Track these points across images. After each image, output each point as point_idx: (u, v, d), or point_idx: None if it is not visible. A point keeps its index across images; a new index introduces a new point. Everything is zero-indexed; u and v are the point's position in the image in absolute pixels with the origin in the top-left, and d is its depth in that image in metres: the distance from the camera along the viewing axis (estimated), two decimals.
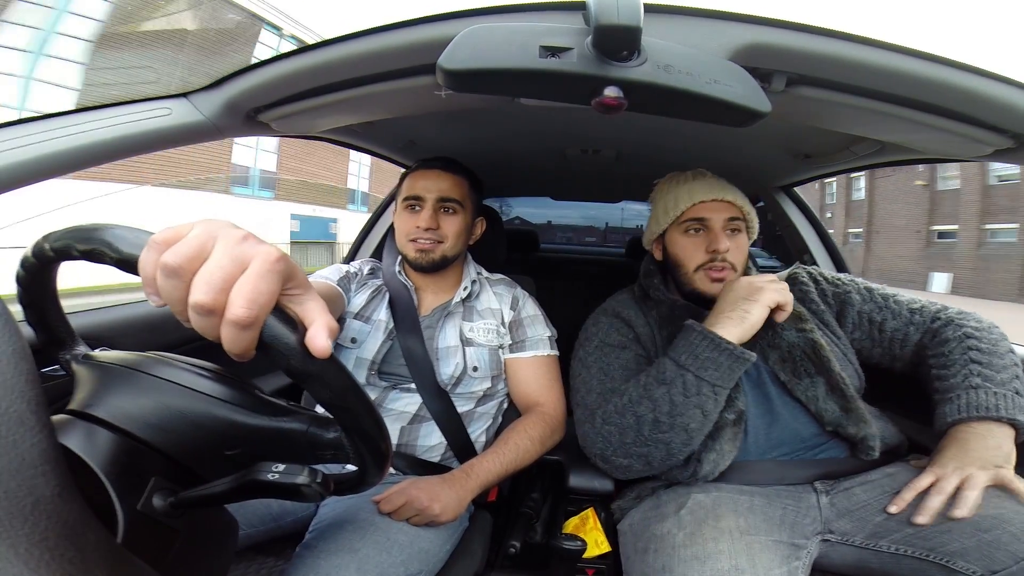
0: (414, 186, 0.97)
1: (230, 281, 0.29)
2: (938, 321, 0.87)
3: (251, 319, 0.29)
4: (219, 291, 0.29)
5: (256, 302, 0.29)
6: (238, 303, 0.29)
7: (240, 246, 0.30)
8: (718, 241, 0.87)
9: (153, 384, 0.43)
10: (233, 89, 0.67)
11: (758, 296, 0.78)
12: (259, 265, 0.30)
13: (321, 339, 0.32)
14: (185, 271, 0.29)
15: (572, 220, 4.64)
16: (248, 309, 0.29)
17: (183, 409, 0.42)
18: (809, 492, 0.80)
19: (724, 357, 0.75)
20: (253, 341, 0.30)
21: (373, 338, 0.94)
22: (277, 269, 0.30)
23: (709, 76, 0.48)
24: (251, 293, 0.29)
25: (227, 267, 0.29)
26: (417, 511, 0.75)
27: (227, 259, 0.30)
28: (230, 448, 0.43)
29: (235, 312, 0.29)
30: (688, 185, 0.91)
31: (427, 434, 0.92)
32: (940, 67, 0.54)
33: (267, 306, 0.30)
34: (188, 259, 0.29)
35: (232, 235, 0.31)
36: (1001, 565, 0.63)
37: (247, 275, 0.29)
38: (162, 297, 0.30)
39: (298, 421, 0.44)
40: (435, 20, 0.54)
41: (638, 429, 0.76)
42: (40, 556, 0.23)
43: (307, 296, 0.33)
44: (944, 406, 0.76)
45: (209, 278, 0.29)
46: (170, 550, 0.39)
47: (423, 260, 0.96)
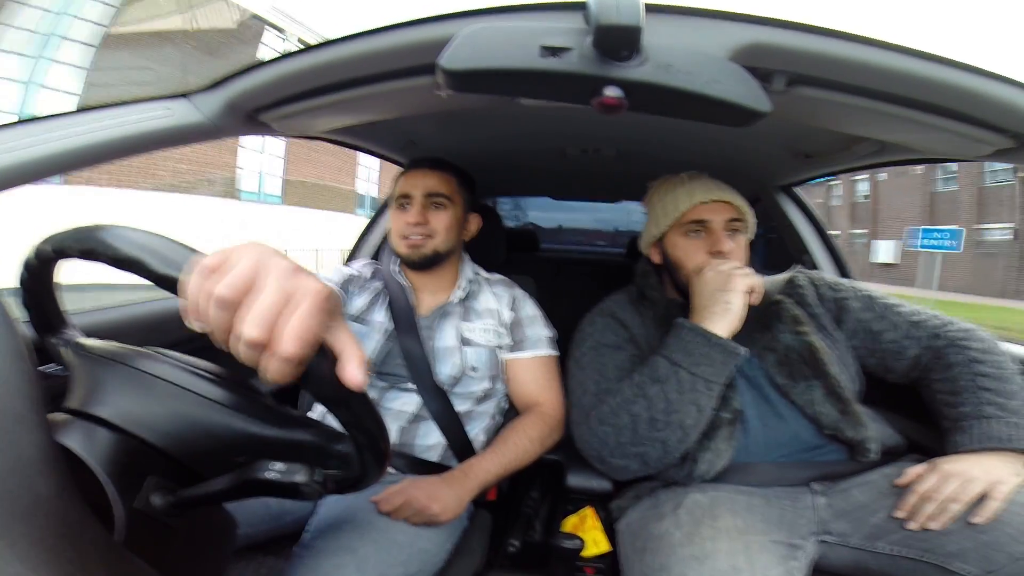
0: (404, 185, 1.00)
1: (276, 315, 0.30)
2: (939, 340, 0.86)
3: (300, 357, 0.29)
4: (265, 326, 0.29)
5: (305, 340, 0.29)
6: (289, 341, 0.29)
7: (290, 280, 0.31)
8: (720, 242, 0.87)
9: (165, 389, 0.42)
10: (233, 89, 0.67)
11: (732, 284, 0.79)
12: (310, 303, 0.30)
13: (355, 371, 0.32)
14: (234, 303, 0.30)
15: (583, 223, 4.69)
16: (297, 347, 0.29)
17: (198, 418, 0.42)
18: (806, 493, 0.80)
19: (716, 352, 0.75)
20: (295, 374, 0.31)
21: (370, 339, 0.95)
22: (322, 306, 0.31)
23: (709, 76, 0.48)
24: (301, 331, 0.29)
25: (279, 303, 0.30)
26: (416, 511, 0.75)
27: (279, 295, 0.30)
28: (241, 455, 0.43)
29: (286, 349, 0.29)
30: (687, 187, 0.91)
31: (426, 433, 0.92)
32: (940, 67, 0.54)
33: (314, 343, 0.30)
34: (239, 291, 0.30)
35: (282, 268, 0.31)
36: (998, 566, 0.63)
37: (299, 312, 0.30)
38: (210, 325, 0.31)
39: (310, 434, 0.44)
40: (435, 20, 0.54)
41: (634, 428, 0.76)
42: (39, 555, 0.23)
43: (339, 326, 0.34)
44: (956, 435, 0.75)
45: (261, 312, 0.29)
46: (169, 549, 0.39)
47: (415, 256, 0.97)
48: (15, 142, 0.55)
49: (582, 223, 4.70)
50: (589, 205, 3.61)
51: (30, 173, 0.55)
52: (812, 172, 1.30)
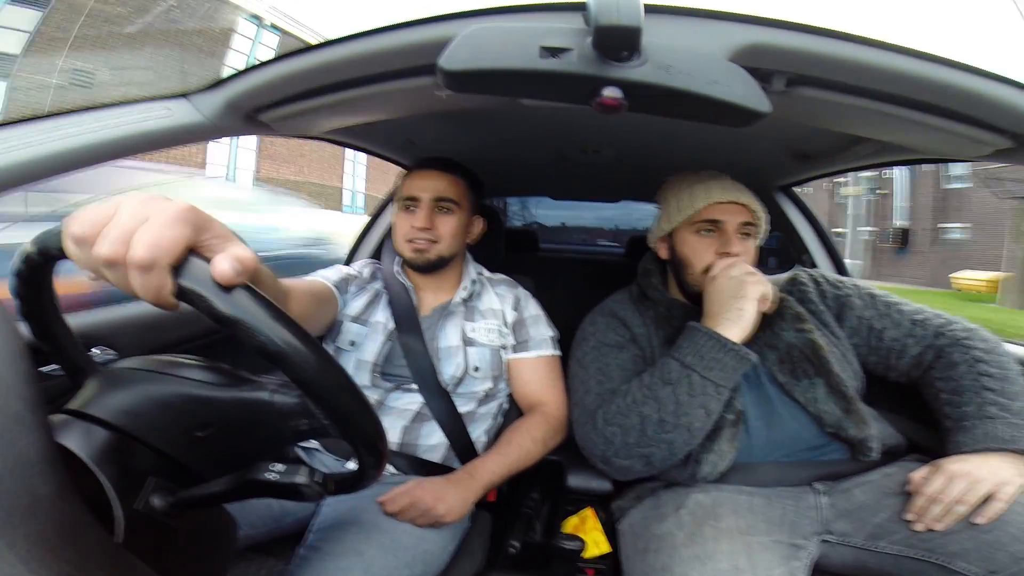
0: (410, 187, 0.98)
1: (130, 233, 0.30)
2: (942, 339, 0.85)
3: (149, 260, 0.29)
4: (118, 243, 0.30)
5: (155, 244, 0.30)
6: (136, 247, 0.30)
7: (143, 204, 0.31)
8: (730, 244, 0.86)
9: (130, 375, 0.44)
10: (233, 90, 0.67)
11: (746, 291, 0.78)
12: (160, 215, 0.30)
13: (220, 263, 0.31)
14: (90, 236, 0.31)
15: (586, 222, 4.72)
16: (145, 251, 0.29)
17: (152, 392, 0.42)
18: (808, 493, 0.80)
19: (729, 357, 0.75)
20: (162, 286, 0.30)
21: (372, 340, 0.94)
22: (182, 218, 0.31)
23: (709, 76, 0.48)
24: (150, 238, 0.30)
25: (126, 222, 0.30)
26: (422, 512, 0.75)
27: (127, 216, 0.31)
28: (200, 428, 0.42)
29: (132, 254, 0.29)
30: (704, 184, 0.89)
31: (428, 433, 0.92)
32: (940, 67, 0.54)
33: (169, 250, 0.30)
34: (91, 225, 0.31)
35: (136, 197, 0.32)
36: (1001, 566, 0.63)
37: (147, 224, 0.30)
38: (83, 267, 0.32)
39: (260, 389, 0.44)
40: (435, 21, 0.54)
41: (642, 429, 0.76)
42: (39, 555, 0.23)
43: (229, 243, 0.33)
44: (959, 435, 0.75)
45: (108, 232, 0.30)
46: (169, 550, 0.39)
47: (419, 260, 0.96)
48: (15, 142, 0.55)
49: (586, 221, 4.74)
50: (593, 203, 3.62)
51: (30, 173, 0.55)
52: (812, 172, 1.30)
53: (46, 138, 0.57)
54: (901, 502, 0.73)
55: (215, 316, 0.31)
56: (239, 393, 0.43)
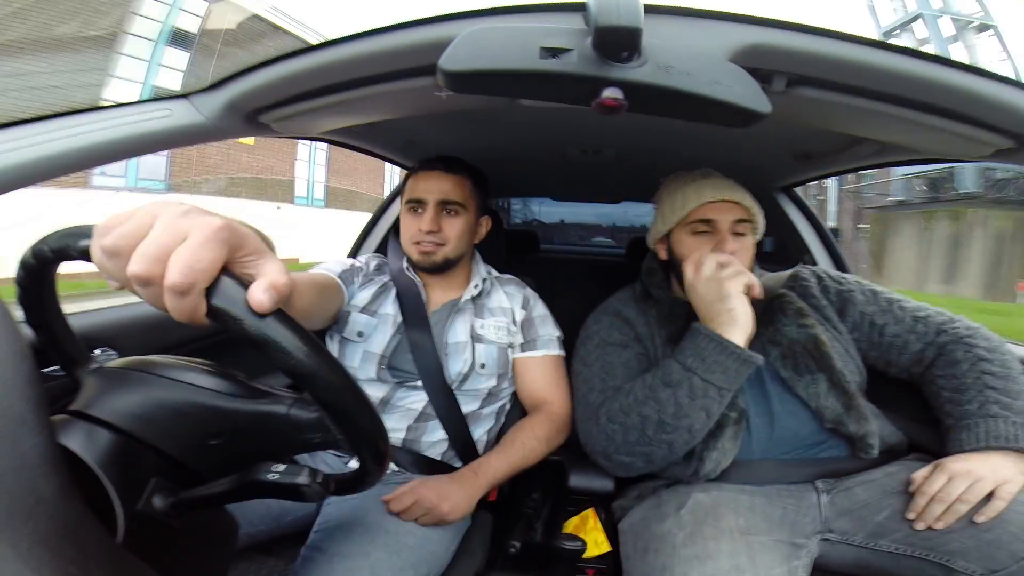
0: (416, 188, 0.97)
1: (166, 252, 0.29)
2: (944, 335, 0.85)
3: (186, 285, 0.29)
4: (153, 261, 0.29)
5: (193, 268, 0.29)
6: (174, 270, 0.29)
7: (179, 219, 0.30)
8: (724, 243, 0.86)
9: (139, 378, 0.43)
10: (233, 90, 0.67)
11: (726, 290, 0.77)
12: (198, 234, 0.30)
13: (257, 294, 0.30)
14: (124, 249, 0.30)
15: (584, 218, 4.75)
16: (183, 275, 0.29)
17: (164, 399, 0.42)
18: (810, 491, 0.80)
19: (731, 360, 0.75)
20: (196, 308, 0.30)
21: (381, 332, 0.93)
22: (219, 237, 0.30)
23: (709, 77, 0.48)
24: (188, 260, 0.29)
25: (163, 239, 0.30)
26: (426, 510, 0.75)
27: (164, 232, 0.30)
28: (214, 437, 0.43)
29: (170, 278, 0.29)
30: (696, 184, 0.90)
31: (432, 431, 0.92)
32: (940, 67, 0.54)
33: (206, 272, 0.30)
34: (126, 238, 0.30)
35: (172, 210, 0.31)
36: (1001, 565, 0.63)
37: (185, 244, 0.30)
38: (111, 277, 0.31)
39: (278, 403, 0.44)
40: (435, 21, 0.54)
41: (642, 429, 0.76)
42: (40, 556, 0.23)
43: (263, 260, 0.33)
44: (961, 433, 0.75)
45: (144, 250, 0.29)
46: (170, 550, 0.39)
47: (426, 262, 0.96)
48: (15, 142, 0.55)
49: (584, 218, 4.76)
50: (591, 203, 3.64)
51: (30, 174, 0.55)
52: (812, 173, 1.30)
53: (46, 138, 0.57)
54: (902, 501, 0.73)
55: (246, 337, 0.31)
56: (256, 406, 0.43)
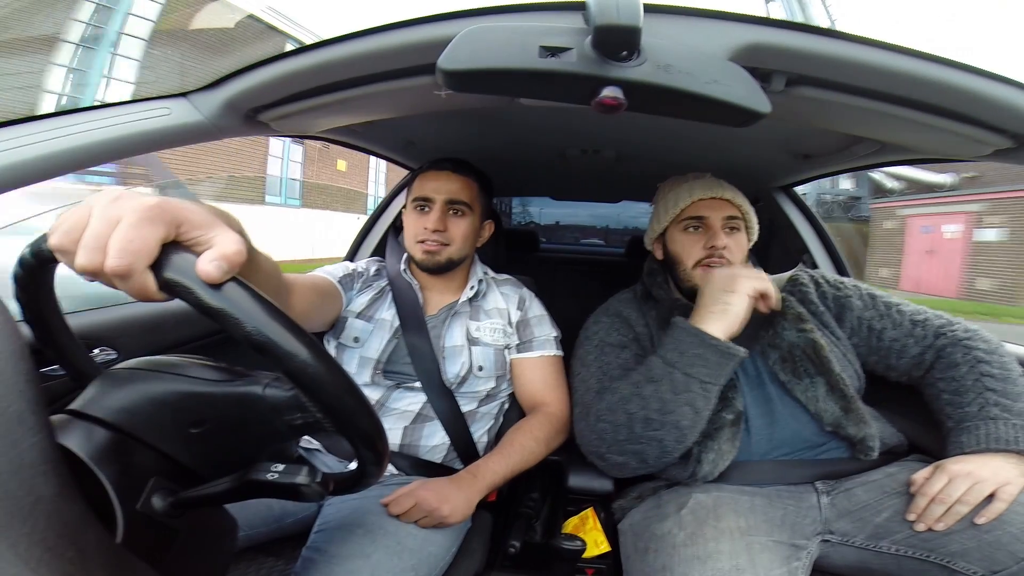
0: (423, 187, 0.97)
1: (102, 240, 0.30)
2: (943, 339, 0.86)
3: (123, 267, 0.30)
4: (93, 251, 0.30)
5: (126, 250, 0.30)
6: (110, 255, 0.30)
7: (111, 206, 0.31)
8: (715, 237, 0.89)
9: (129, 375, 0.44)
10: (232, 89, 0.67)
11: (736, 286, 0.78)
12: (130, 216, 0.30)
13: (204, 265, 0.30)
14: (68, 246, 0.31)
15: (581, 220, 4.76)
16: (118, 258, 0.29)
17: (147, 390, 0.43)
18: (810, 492, 0.80)
19: (711, 353, 0.75)
20: (143, 284, 0.31)
21: (377, 337, 0.94)
22: (150, 216, 0.30)
23: (709, 76, 0.48)
24: (120, 243, 0.30)
25: (97, 228, 0.30)
26: (426, 513, 0.75)
27: (97, 221, 0.30)
28: (195, 425, 0.42)
29: (108, 264, 0.30)
30: (688, 184, 0.93)
31: (430, 434, 0.91)
32: (940, 67, 0.54)
33: (141, 252, 0.30)
34: (68, 234, 0.31)
35: (105, 197, 0.31)
36: (1002, 566, 0.63)
37: (118, 228, 0.30)
38: (77, 273, 0.32)
39: (253, 383, 0.44)
40: (435, 20, 0.54)
41: (630, 427, 0.76)
42: (40, 556, 0.23)
43: (213, 232, 0.32)
44: (961, 435, 0.75)
45: (84, 242, 0.30)
46: (169, 550, 0.39)
47: (429, 262, 0.96)
48: (15, 142, 0.55)
49: (580, 220, 4.77)
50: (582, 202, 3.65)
51: (30, 173, 0.55)
52: (812, 172, 1.30)
53: (46, 138, 0.57)
54: (903, 502, 0.73)
55: (202, 308, 0.31)
56: (232, 388, 0.43)
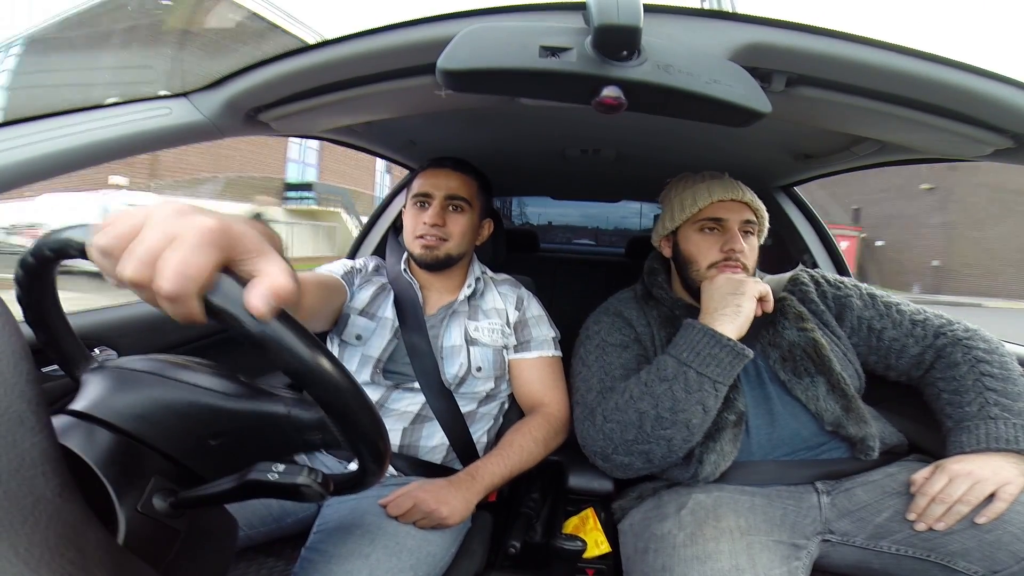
0: (424, 183, 0.98)
1: (154, 254, 0.29)
2: (943, 338, 0.86)
3: (176, 292, 0.28)
4: (142, 264, 0.29)
5: (183, 274, 0.28)
6: (163, 275, 0.28)
7: (170, 220, 0.30)
8: (734, 240, 0.88)
9: (140, 379, 0.43)
10: (233, 89, 0.67)
11: (744, 289, 0.79)
12: (189, 237, 0.29)
13: (253, 298, 0.29)
14: (115, 250, 0.29)
15: (573, 220, 4.76)
16: (173, 282, 0.28)
17: (165, 399, 0.42)
18: (810, 492, 0.80)
19: (725, 353, 0.75)
20: (192, 310, 0.29)
21: (379, 336, 0.94)
22: (210, 239, 0.29)
23: (709, 76, 0.48)
24: (177, 266, 0.28)
25: (152, 241, 0.29)
26: (424, 514, 0.75)
27: (153, 233, 0.29)
28: (215, 437, 0.43)
29: (159, 284, 0.28)
30: (707, 184, 0.92)
31: (429, 435, 0.91)
32: (940, 67, 0.54)
33: (197, 278, 0.29)
34: (117, 238, 0.29)
35: (165, 210, 0.30)
36: (1002, 565, 0.63)
37: (174, 247, 0.29)
38: (104, 273, 0.31)
39: (278, 403, 0.43)
40: (435, 20, 0.54)
41: (640, 425, 0.76)
42: (40, 556, 0.23)
43: (263, 259, 0.31)
44: (962, 435, 0.75)
45: (135, 252, 0.29)
46: (170, 550, 0.39)
47: (427, 257, 0.96)
48: (15, 142, 0.55)
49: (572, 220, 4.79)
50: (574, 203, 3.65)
51: (30, 173, 0.55)
52: (812, 172, 1.30)
53: (46, 138, 0.57)
54: (903, 502, 0.73)
55: (246, 337, 0.30)
56: (257, 406, 0.43)
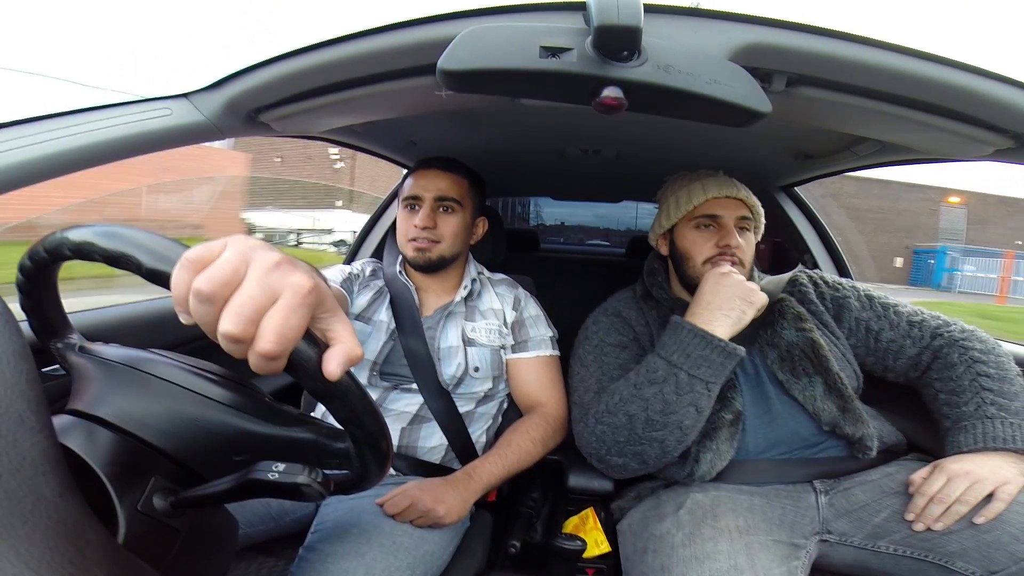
0: (413, 186, 0.98)
1: (260, 312, 0.29)
2: (939, 339, 0.86)
3: (279, 353, 0.29)
4: (248, 322, 0.29)
5: (285, 336, 0.29)
6: (267, 337, 0.29)
7: (273, 274, 0.30)
8: (729, 236, 0.88)
9: (163, 388, 0.43)
10: (233, 89, 0.67)
11: (753, 298, 0.79)
12: (291, 298, 0.29)
13: (331, 364, 0.32)
14: (217, 297, 0.29)
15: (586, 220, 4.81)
16: (276, 344, 0.29)
17: (196, 416, 0.42)
18: (808, 492, 0.80)
19: (716, 354, 0.75)
20: (281, 367, 0.31)
21: (374, 339, 0.94)
22: (308, 302, 0.30)
23: (709, 76, 0.48)
24: (280, 328, 0.29)
25: (258, 297, 0.29)
26: (421, 513, 0.75)
27: (259, 289, 0.29)
28: (239, 454, 0.43)
29: (263, 346, 0.29)
30: (701, 182, 0.93)
31: (428, 435, 0.92)
32: (940, 67, 0.54)
33: (295, 340, 0.30)
34: (221, 285, 0.29)
35: (265, 261, 0.30)
36: (1000, 566, 0.63)
37: (278, 308, 0.29)
38: (194, 319, 0.30)
39: (309, 431, 0.44)
40: (435, 20, 0.54)
41: (631, 428, 0.76)
42: (41, 556, 0.23)
43: (335, 319, 0.33)
44: (959, 435, 0.75)
45: (240, 309, 0.29)
46: (170, 550, 0.39)
47: (420, 259, 0.96)
48: (15, 142, 0.55)
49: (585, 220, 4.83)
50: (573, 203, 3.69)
51: (31, 173, 0.55)
52: (812, 172, 1.30)
53: (46, 138, 0.57)
54: (901, 502, 0.73)
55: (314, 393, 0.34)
56: (289, 433, 0.44)
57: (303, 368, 0.32)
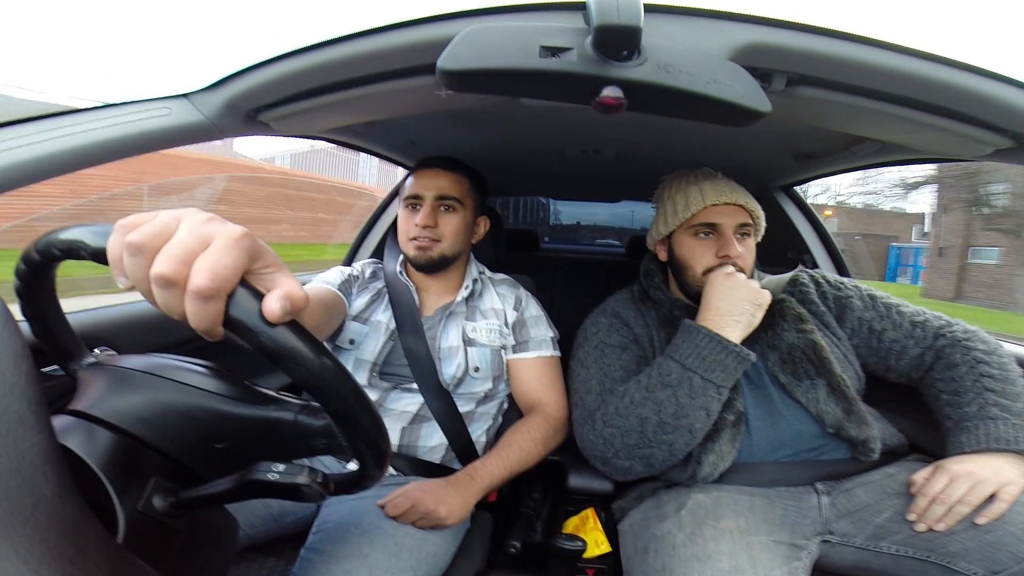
0: (414, 185, 0.98)
1: (192, 255, 0.29)
2: (942, 339, 0.86)
3: (212, 290, 0.29)
4: (180, 263, 0.29)
5: (218, 274, 0.29)
6: (199, 274, 0.29)
7: (204, 225, 0.31)
8: (729, 247, 0.86)
9: (145, 380, 0.43)
10: (233, 89, 0.67)
11: (762, 300, 0.79)
12: (222, 240, 0.30)
13: (271, 302, 0.31)
14: (148, 247, 0.30)
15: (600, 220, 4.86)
16: (210, 280, 0.29)
17: (171, 402, 0.42)
18: (810, 493, 0.80)
19: (731, 359, 0.75)
20: (218, 315, 0.30)
21: (372, 339, 0.94)
22: (242, 245, 0.30)
23: (709, 76, 0.48)
24: (213, 265, 0.29)
25: (189, 242, 0.30)
26: (423, 514, 0.75)
27: (190, 235, 0.30)
28: (220, 440, 0.42)
29: (196, 282, 0.29)
30: (699, 186, 0.89)
31: (428, 435, 0.92)
32: (940, 67, 0.54)
33: (230, 279, 0.30)
34: (151, 236, 0.30)
35: (196, 216, 0.31)
36: (1002, 566, 0.63)
37: (210, 249, 0.30)
38: (128, 276, 0.31)
39: (285, 409, 0.44)
40: (435, 20, 0.54)
41: (642, 431, 0.76)
42: (40, 556, 0.23)
43: (279, 273, 0.33)
44: (961, 435, 0.75)
45: (170, 251, 0.29)
46: (170, 550, 0.39)
47: (422, 259, 0.96)
48: (15, 142, 0.55)
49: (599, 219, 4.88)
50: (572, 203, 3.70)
51: (30, 173, 0.55)
52: (812, 172, 1.30)
53: (46, 138, 0.57)
54: (903, 502, 0.73)
55: (261, 349, 0.31)
56: (264, 412, 0.43)
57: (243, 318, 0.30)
